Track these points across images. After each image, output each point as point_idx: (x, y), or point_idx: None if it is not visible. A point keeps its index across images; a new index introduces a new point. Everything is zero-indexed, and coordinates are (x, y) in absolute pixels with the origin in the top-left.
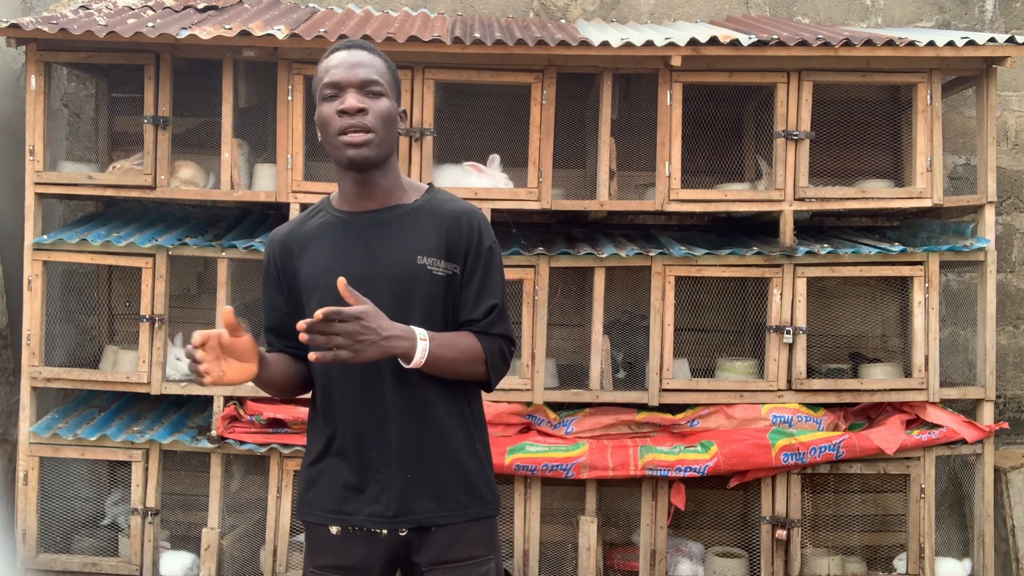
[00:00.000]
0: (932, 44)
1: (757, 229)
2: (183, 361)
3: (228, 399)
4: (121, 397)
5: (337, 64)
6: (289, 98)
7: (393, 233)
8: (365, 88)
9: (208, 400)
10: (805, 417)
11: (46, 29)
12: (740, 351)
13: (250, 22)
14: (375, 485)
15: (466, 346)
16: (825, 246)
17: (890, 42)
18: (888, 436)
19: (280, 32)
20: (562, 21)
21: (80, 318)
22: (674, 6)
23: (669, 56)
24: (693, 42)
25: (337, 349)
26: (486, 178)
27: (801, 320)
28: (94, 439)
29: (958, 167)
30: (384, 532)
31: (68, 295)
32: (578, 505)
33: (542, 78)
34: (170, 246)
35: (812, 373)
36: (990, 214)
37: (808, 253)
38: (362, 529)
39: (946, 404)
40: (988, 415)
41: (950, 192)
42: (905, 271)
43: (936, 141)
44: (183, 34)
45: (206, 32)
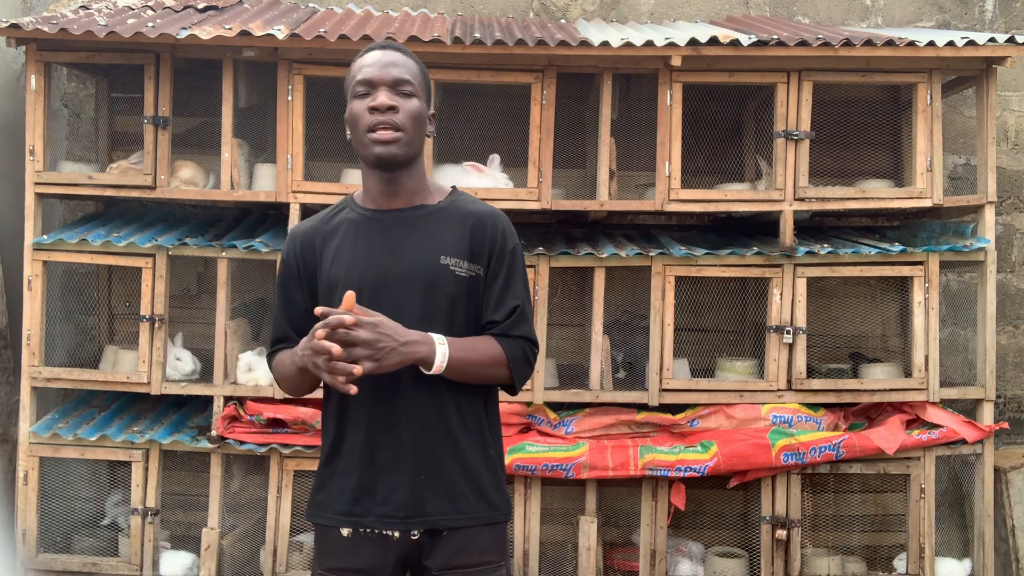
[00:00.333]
0: (932, 44)
1: (757, 229)
2: (183, 361)
3: (228, 399)
4: (121, 397)
5: (371, 63)
6: (289, 98)
7: (417, 233)
8: (397, 87)
9: (208, 400)
10: (805, 417)
11: (46, 29)
12: (740, 351)
13: (250, 22)
14: (386, 486)
15: (487, 350)
16: (825, 246)
17: (890, 42)
18: (888, 436)
19: (280, 32)
20: (562, 21)
21: (80, 318)
22: (674, 6)
23: (669, 56)
24: (693, 42)
25: (357, 361)
26: (486, 178)
27: (801, 320)
28: (94, 439)
29: (958, 167)
30: (396, 535)
31: (68, 295)
32: (578, 505)
33: (542, 78)
34: (170, 246)
35: (812, 373)
36: (990, 214)
37: (808, 253)
38: (373, 531)
39: (946, 404)
40: (988, 415)
41: (950, 192)
42: (905, 271)
43: (936, 141)
44: (183, 34)
45: (206, 32)
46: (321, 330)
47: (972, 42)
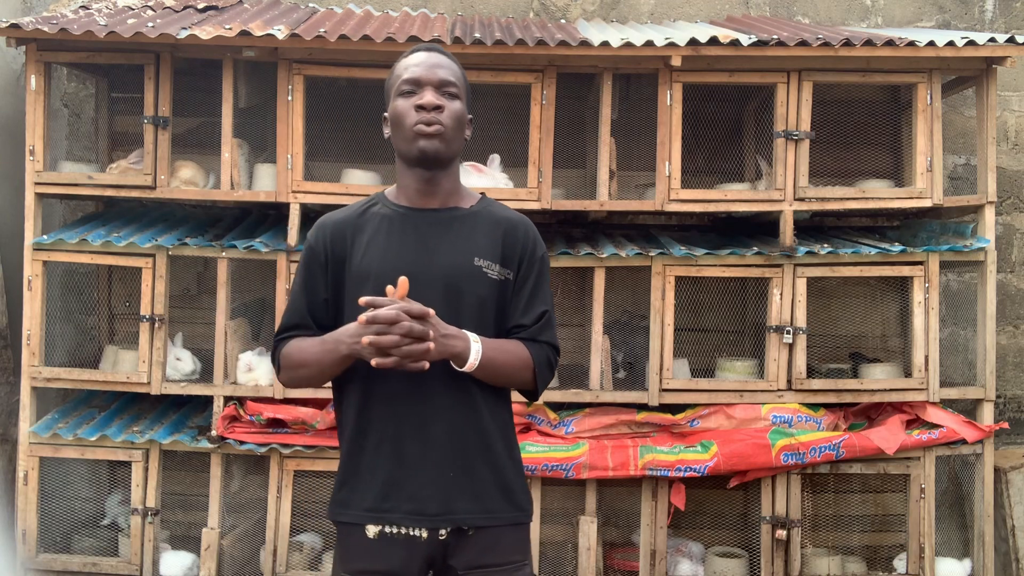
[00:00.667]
0: (932, 44)
1: (757, 229)
2: (183, 361)
3: (228, 399)
4: (121, 397)
5: (417, 63)
6: (289, 98)
7: (452, 233)
8: (442, 88)
9: (208, 400)
10: (805, 417)
11: (46, 29)
12: (740, 351)
13: (250, 22)
14: (414, 483)
15: (516, 352)
16: (825, 246)
17: (890, 42)
18: (888, 436)
19: (280, 32)
20: (562, 21)
21: (80, 318)
22: (674, 6)
23: (669, 56)
24: (693, 42)
25: (399, 354)
26: (486, 178)
27: (801, 320)
28: (94, 439)
29: (958, 167)
30: (424, 535)
31: (68, 295)
32: (578, 505)
33: (542, 78)
34: (170, 246)
35: (812, 373)
36: (990, 214)
37: (808, 253)
38: (400, 531)
39: (946, 404)
40: (988, 415)
41: (950, 192)
42: (905, 271)
43: (936, 141)
44: (183, 34)
45: (206, 32)
46: (394, 311)
47: (972, 42)
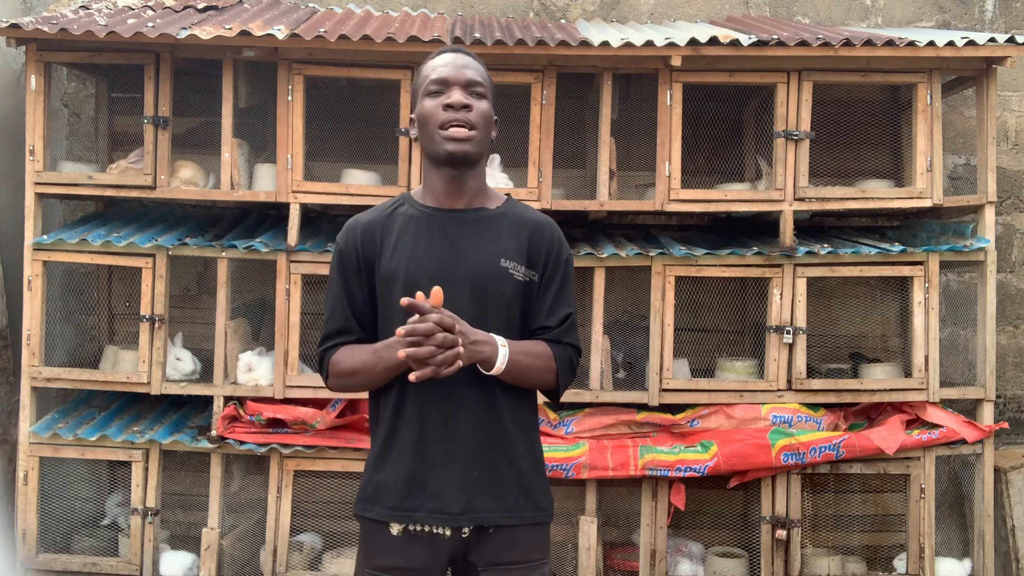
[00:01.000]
0: (932, 44)
1: (757, 229)
2: (183, 361)
3: (228, 399)
4: (121, 397)
5: (445, 63)
6: (289, 98)
7: (479, 234)
8: (470, 87)
9: (208, 400)
10: (805, 417)
11: (46, 29)
12: (740, 351)
13: (250, 22)
14: (437, 482)
15: (541, 354)
16: (825, 246)
17: (890, 42)
18: (888, 436)
19: (280, 32)
20: (562, 21)
21: (80, 318)
22: (674, 6)
23: (669, 56)
24: (693, 42)
25: (434, 363)
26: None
27: (801, 320)
28: (94, 439)
29: (958, 167)
30: (447, 533)
31: (68, 295)
32: (578, 505)
33: (542, 78)
34: (170, 246)
35: (812, 373)
36: (990, 214)
37: (808, 253)
38: (423, 529)
39: (946, 404)
40: (988, 415)
41: (950, 192)
42: (905, 271)
43: (936, 141)
44: (183, 34)
45: (206, 32)
46: (429, 324)
47: (972, 42)
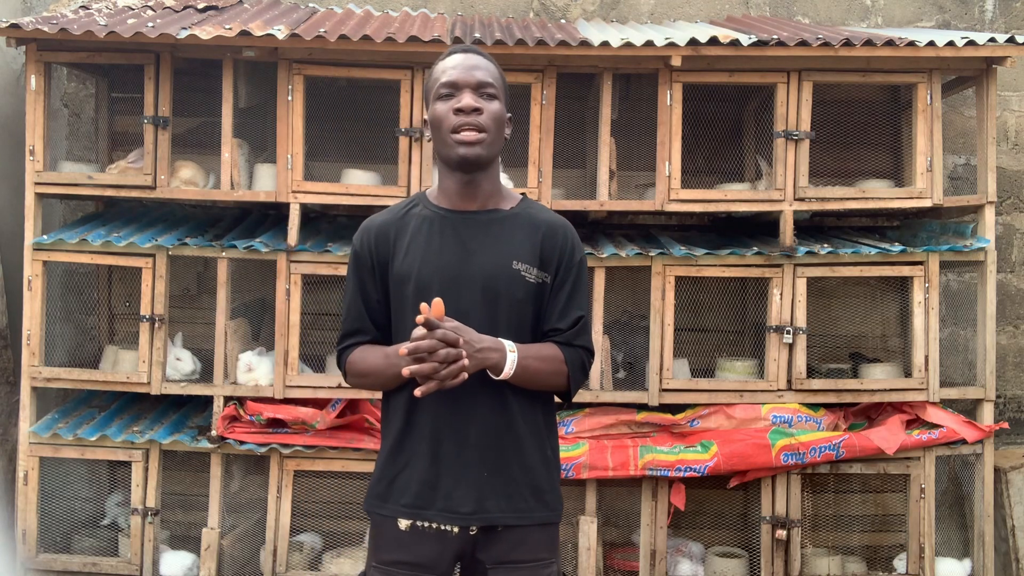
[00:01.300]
0: (932, 44)
1: (757, 229)
2: (183, 361)
3: (228, 399)
4: (121, 397)
5: (455, 65)
6: (289, 98)
7: (491, 236)
8: (480, 89)
9: (208, 400)
10: (805, 417)
11: (46, 29)
12: (740, 351)
13: (250, 22)
14: (448, 482)
15: (551, 357)
16: (825, 246)
17: (890, 42)
18: (888, 436)
19: (280, 32)
20: (562, 21)
21: (80, 318)
22: (674, 6)
23: (669, 56)
24: (693, 42)
25: (438, 379)
26: None
27: (801, 320)
28: (94, 439)
29: (958, 167)
30: (455, 531)
31: (68, 295)
32: (578, 505)
33: (542, 78)
34: (170, 246)
35: (812, 373)
36: (990, 214)
37: (808, 253)
38: (431, 526)
39: (946, 404)
40: (988, 415)
41: (950, 192)
42: (905, 271)
43: (936, 141)
44: (183, 34)
45: (206, 32)
46: (431, 341)
47: (972, 42)
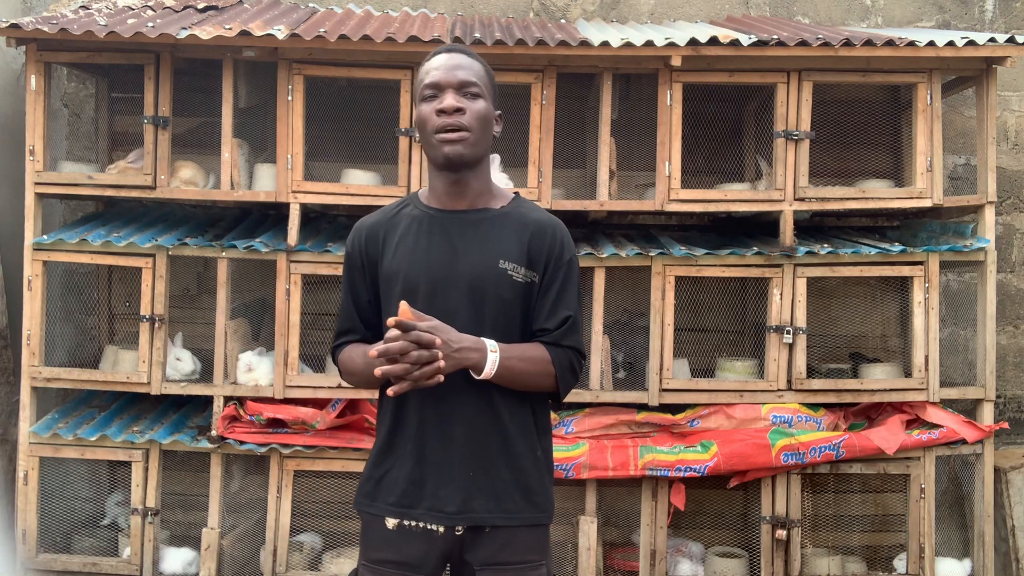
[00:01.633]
0: (932, 44)
1: (757, 229)
2: (183, 361)
3: (228, 399)
4: (121, 397)
5: (438, 66)
6: (289, 98)
7: (479, 235)
8: (463, 89)
9: (208, 400)
10: (805, 417)
11: (46, 29)
12: (740, 351)
13: (250, 22)
14: (435, 482)
15: (536, 358)
16: (825, 246)
17: (890, 42)
18: (888, 436)
19: (280, 32)
20: (562, 21)
21: (80, 318)
22: (674, 6)
23: (669, 56)
24: (693, 42)
25: (411, 379)
26: None
27: (801, 320)
28: (94, 439)
29: (958, 167)
30: (441, 530)
31: (68, 295)
32: (578, 505)
33: (542, 78)
34: (170, 246)
35: (812, 373)
36: (990, 214)
37: (808, 253)
38: (418, 525)
39: (946, 404)
40: (988, 415)
41: (950, 192)
42: (905, 271)
43: (936, 141)
44: (183, 34)
45: (206, 32)
46: (402, 343)
47: (972, 42)
